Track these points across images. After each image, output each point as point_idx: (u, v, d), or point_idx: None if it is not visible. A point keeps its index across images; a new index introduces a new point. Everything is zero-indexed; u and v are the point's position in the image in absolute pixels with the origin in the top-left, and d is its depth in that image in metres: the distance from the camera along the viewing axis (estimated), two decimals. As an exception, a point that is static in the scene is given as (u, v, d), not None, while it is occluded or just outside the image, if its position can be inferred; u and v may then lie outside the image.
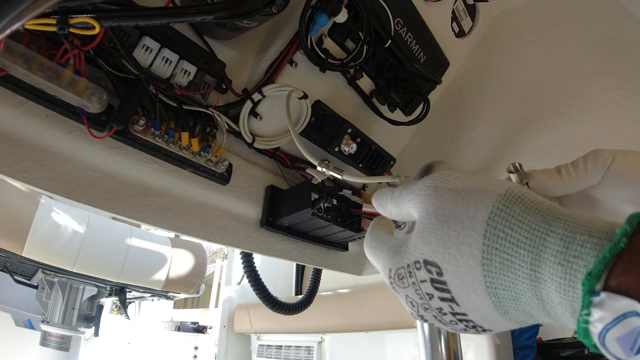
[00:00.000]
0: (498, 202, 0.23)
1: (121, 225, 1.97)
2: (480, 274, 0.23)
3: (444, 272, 0.25)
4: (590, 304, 0.19)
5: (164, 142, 0.53)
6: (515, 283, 0.22)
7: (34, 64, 0.41)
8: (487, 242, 0.23)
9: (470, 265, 0.23)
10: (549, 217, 0.22)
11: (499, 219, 0.23)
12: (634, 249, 0.19)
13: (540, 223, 0.22)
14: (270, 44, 0.61)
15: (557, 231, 0.21)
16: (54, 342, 1.82)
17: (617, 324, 0.18)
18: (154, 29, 0.48)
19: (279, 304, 0.91)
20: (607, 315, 0.18)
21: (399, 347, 1.71)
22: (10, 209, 1.58)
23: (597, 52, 0.69)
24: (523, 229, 0.22)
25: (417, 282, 0.26)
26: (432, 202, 0.26)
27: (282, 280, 2.59)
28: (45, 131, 0.46)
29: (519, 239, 0.22)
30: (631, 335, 0.18)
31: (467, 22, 0.80)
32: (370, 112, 0.75)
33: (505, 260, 0.22)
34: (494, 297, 0.23)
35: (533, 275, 0.21)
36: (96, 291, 1.97)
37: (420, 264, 0.26)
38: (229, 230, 0.65)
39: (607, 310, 0.18)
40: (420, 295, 0.27)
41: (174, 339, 3.21)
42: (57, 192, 0.46)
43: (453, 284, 0.24)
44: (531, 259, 0.21)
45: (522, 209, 0.23)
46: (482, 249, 0.23)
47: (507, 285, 0.23)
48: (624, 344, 0.18)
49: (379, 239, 0.31)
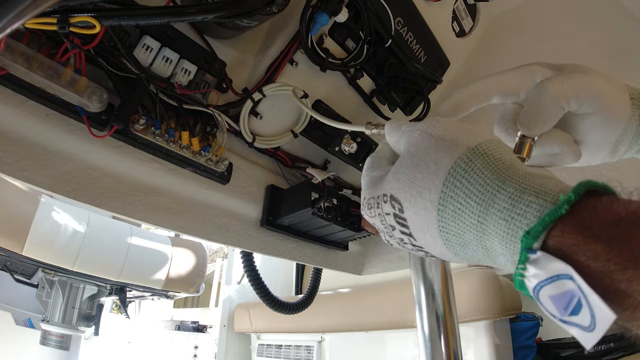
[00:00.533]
0: (464, 155, 0.25)
1: (121, 224, 1.97)
2: (435, 218, 0.25)
3: (405, 209, 0.27)
4: (527, 259, 0.20)
5: (164, 141, 0.53)
6: (464, 231, 0.24)
7: (35, 63, 0.41)
8: (445, 190, 0.24)
9: (427, 209, 0.25)
10: (505, 175, 0.23)
11: (460, 169, 0.24)
12: (576, 214, 0.19)
13: (495, 180, 0.23)
14: (270, 43, 0.61)
15: (507, 189, 0.22)
16: (54, 341, 1.82)
17: (551, 283, 0.19)
18: (155, 28, 0.48)
19: (279, 303, 0.91)
20: (541, 273, 0.19)
21: (399, 347, 1.70)
22: (11, 208, 1.58)
23: (597, 52, 0.69)
24: (478, 183, 0.23)
25: (383, 214, 0.29)
26: (414, 144, 0.28)
27: (282, 279, 2.59)
28: (45, 130, 0.46)
29: (472, 191, 0.23)
30: (564, 297, 0.19)
31: (468, 22, 0.80)
32: (371, 112, 0.75)
33: (457, 209, 0.24)
34: (446, 240, 0.25)
35: (479, 227, 0.23)
36: (96, 290, 1.97)
37: (387, 197, 0.28)
38: (229, 229, 0.65)
39: (542, 268, 0.19)
40: (385, 225, 0.29)
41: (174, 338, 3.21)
42: (58, 191, 0.46)
43: (411, 222, 0.27)
44: (479, 211, 0.23)
45: (483, 164, 0.24)
46: (440, 195, 0.25)
47: (457, 232, 0.24)
48: (557, 303, 0.19)
49: (373, 162, 0.33)
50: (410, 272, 0.60)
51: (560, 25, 0.75)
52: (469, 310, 1.33)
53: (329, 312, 1.94)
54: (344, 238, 0.80)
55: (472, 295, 1.32)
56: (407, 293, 1.49)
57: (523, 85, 0.34)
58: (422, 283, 0.57)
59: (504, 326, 1.39)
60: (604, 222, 0.19)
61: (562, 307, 0.19)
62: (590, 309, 0.18)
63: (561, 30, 0.74)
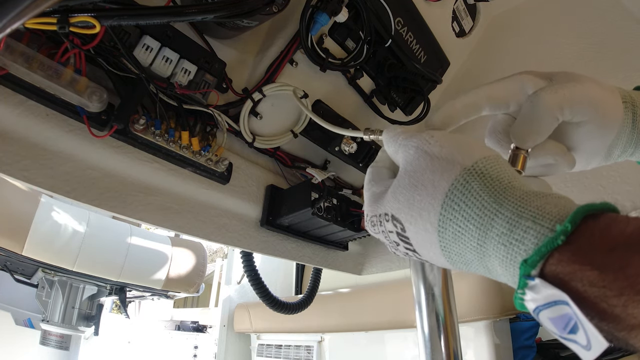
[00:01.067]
0: (460, 176, 0.25)
1: (121, 224, 1.97)
2: (437, 239, 0.25)
3: (406, 229, 0.27)
4: (526, 285, 0.21)
5: (164, 141, 0.53)
6: (465, 252, 0.24)
7: (35, 62, 0.41)
8: (444, 213, 0.25)
9: (428, 230, 0.26)
10: (502, 197, 0.23)
11: (457, 192, 0.24)
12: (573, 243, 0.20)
13: (492, 203, 0.23)
14: (270, 44, 0.61)
15: (505, 213, 0.23)
16: (54, 341, 1.82)
17: (549, 308, 0.20)
18: (155, 28, 0.48)
19: (279, 303, 0.91)
20: (540, 298, 0.20)
21: (399, 347, 1.70)
22: (11, 208, 1.58)
23: (597, 52, 0.69)
24: (475, 206, 0.24)
25: (386, 232, 0.29)
26: (411, 162, 0.28)
27: (282, 279, 2.59)
28: (45, 130, 0.46)
29: (470, 214, 0.24)
30: (563, 319, 0.19)
31: (468, 22, 0.80)
32: (371, 112, 0.75)
33: (457, 231, 0.24)
34: (449, 259, 0.26)
35: (479, 249, 0.23)
36: (96, 290, 1.97)
37: (388, 216, 0.29)
38: (229, 229, 0.65)
39: (540, 294, 0.20)
40: (389, 241, 0.30)
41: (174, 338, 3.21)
42: (58, 191, 0.46)
43: (414, 241, 0.27)
44: (478, 235, 0.23)
45: (480, 186, 0.24)
46: (439, 218, 0.25)
47: (458, 252, 0.25)
48: (556, 324, 0.20)
49: (374, 174, 0.33)
50: (410, 272, 0.60)
51: (561, 25, 0.75)
52: (469, 310, 1.33)
53: (329, 312, 1.94)
54: (344, 238, 0.80)
55: (472, 295, 1.32)
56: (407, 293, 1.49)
57: (513, 96, 0.33)
58: (422, 283, 0.57)
59: (503, 326, 1.39)
60: (600, 249, 0.19)
61: (562, 327, 0.20)
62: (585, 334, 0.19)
63: (561, 30, 0.74)
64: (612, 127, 0.32)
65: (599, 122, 0.32)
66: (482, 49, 0.86)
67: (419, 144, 0.28)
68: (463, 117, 0.34)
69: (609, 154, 0.34)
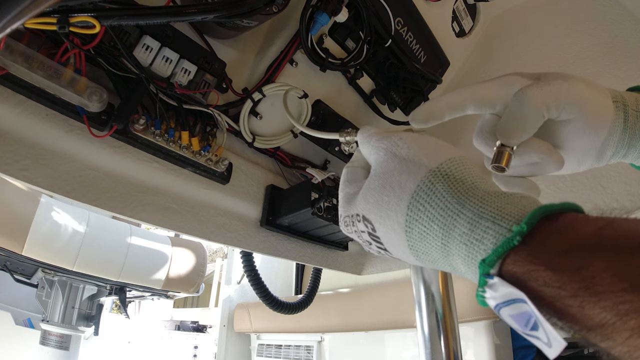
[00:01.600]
0: (425, 178, 0.26)
1: (121, 224, 1.97)
2: (405, 239, 0.26)
3: (377, 229, 0.28)
4: (485, 283, 0.22)
5: (164, 141, 0.53)
6: (431, 251, 0.25)
7: (35, 62, 0.41)
8: (410, 213, 0.26)
9: (396, 230, 0.27)
10: (464, 198, 0.24)
11: (422, 193, 0.25)
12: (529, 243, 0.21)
13: (455, 204, 0.24)
14: (270, 43, 0.61)
15: (466, 214, 0.23)
16: (54, 341, 1.82)
17: (508, 306, 0.20)
18: (155, 28, 0.48)
19: (279, 303, 0.91)
20: (498, 296, 0.21)
21: (399, 347, 1.70)
22: (11, 208, 1.58)
23: (597, 52, 0.69)
24: (439, 207, 0.24)
25: (359, 231, 0.31)
26: (380, 164, 0.29)
27: (282, 279, 2.59)
28: (45, 130, 0.46)
29: (435, 215, 0.24)
30: (523, 317, 0.20)
31: (468, 22, 0.80)
32: (371, 112, 0.75)
33: (422, 232, 0.25)
34: (417, 257, 0.27)
35: (444, 248, 0.24)
36: (96, 290, 1.97)
37: (360, 217, 0.30)
38: (229, 229, 0.65)
39: (498, 292, 0.21)
40: (362, 240, 0.31)
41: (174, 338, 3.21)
42: (57, 191, 0.46)
43: (385, 240, 0.28)
44: (442, 235, 0.24)
45: (444, 187, 0.25)
46: (406, 219, 0.26)
47: (425, 251, 0.26)
48: (518, 321, 0.20)
49: (349, 175, 0.34)
50: (410, 272, 0.60)
51: (560, 25, 0.75)
52: (469, 310, 1.33)
53: (328, 312, 1.94)
54: (343, 238, 0.80)
55: (472, 295, 1.31)
56: (407, 293, 1.49)
57: (500, 96, 0.33)
58: (422, 283, 0.57)
59: (503, 326, 1.38)
60: (555, 251, 0.20)
61: (523, 324, 0.20)
62: (545, 332, 0.19)
63: (561, 30, 0.74)
64: (601, 126, 0.32)
65: (588, 121, 0.31)
66: (482, 49, 0.86)
67: (388, 146, 0.29)
68: (446, 115, 0.34)
69: (601, 155, 0.34)
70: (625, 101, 0.32)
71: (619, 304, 0.17)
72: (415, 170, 0.26)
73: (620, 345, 0.17)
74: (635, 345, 0.16)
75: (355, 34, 0.62)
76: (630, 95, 0.33)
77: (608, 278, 0.17)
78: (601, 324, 0.17)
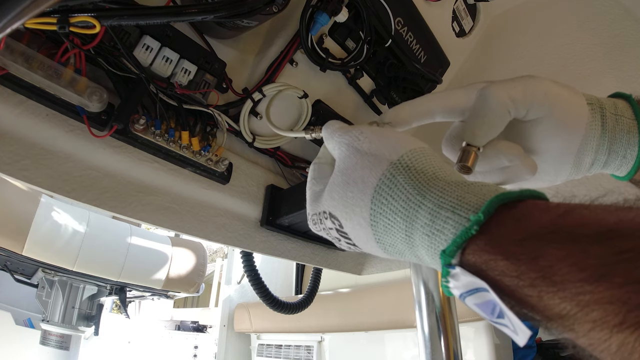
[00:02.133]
0: (387, 171, 0.25)
1: (121, 224, 1.97)
2: (371, 233, 0.26)
3: (344, 226, 0.28)
4: (448, 273, 0.21)
5: (164, 141, 0.53)
6: (396, 243, 0.25)
7: (35, 62, 0.41)
8: (374, 207, 0.25)
9: (362, 225, 0.26)
10: (425, 189, 0.24)
11: (384, 186, 0.25)
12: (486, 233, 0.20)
13: (416, 195, 0.24)
14: (270, 43, 0.61)
15: (427, 205, 0.23)
16: (54, 341, 1.83)
17: (472, 295, 0.20)
18: (155, 28, 0.48)
19: (279, 303, 0.91)
20: (461, 285, 0.21)
21: (399, 347, 1.71)
22: (11, 208, 1.58)
23: (597, 52, 0.69)
24: (401, 199, 0.24)
25: (327, 229, 0.30)
26: (343, 159, 0.29)
27: (282, 279, 2.59)
28: (45, 130, 0.46)
29: (397, 207, 0.24)
30: (488, 305, 0.20)
31: (468, 22, 0.80)
32: (371, 112, 0.75)
33: (387, 224, 0.25)
34: (384, 250, 0.27)
35: (408, 240, 0.24)
36: (96, 290, 1.97)
37: (326, 214, 0.29)
38: (229, 229, 0.65)
39: (460, 282, 0.21)
40: (331, 237, 0.31)
41: (174, 338, 3.21)
42: (58, 191, 0.46)
43: (352, 235, 0.28)
44: (405, 227, 0.24)
45: (405, 179, 0.25)
46: (370, 213, 0.25)
47: (391, 243, 0.25)
48: (483, 309, 0.20)
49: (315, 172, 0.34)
50: (410, 272, 0.60)
51: (561, 25, 0.75)
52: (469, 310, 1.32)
53: (329, 312, 1.94)
54: (344, 238, 0.79)
55: (472, 295, 1.32)
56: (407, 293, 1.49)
57: (469, 103, 0.33)
58: (422, 283, 0.57)
59: (503, 326, 1.38)
60: (511, 240, 0.19)
61: (489, 313, 0.20)
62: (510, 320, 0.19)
63: (561, 30, 0.74)
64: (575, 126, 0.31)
65: (559, 119, 0.31)
66: (482, 49, 0.86)
67: (349, 141, 0.29)
68: (414, 121, 0.34)
69: (579, 162, 0.32)
70: (602, 104, 0.32)
71: (578, 294, 0.16)
72: (377, 164, 0.26)
73: (583, 337, 0.17)
74: (599, 338, 0.16)
75: (355, 34, 0.62)
76: (608, 100, 0.33)
77: (566, 268, 0.17)
78: (561, 314, 0.17)
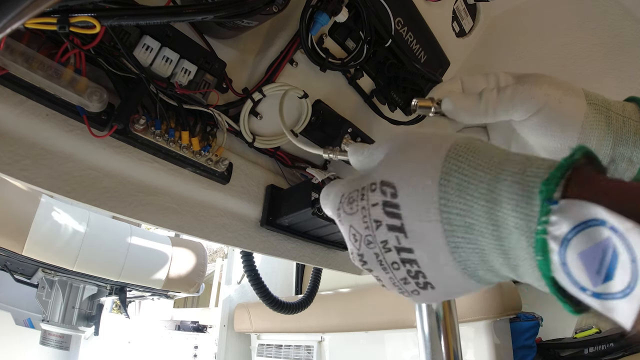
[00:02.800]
0: (460, 139, 0.25)
1: (121, 224, 1.97)
2: (436, 195, 0.23)
3: (399, 192, 0.24)
4: (549, 211, 0.18)
5: (164, 141, 0.53)
6: (471, 205, 0.22)
7: (35, 62, 0.41)
8: (447, 164, 0.23)
9: (427, 186, 0.23)
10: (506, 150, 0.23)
11: (462, 146, 0.24)
12: (587, 169, 0.19)
13: (500, 152, 0.23)
14: (270, 43, 0.61)
15: (514, 158, 0.22)
16: (54, 341, 1.82)
17: (579, 233, 0.17)
18: (155, 28, 0.48)
19: (279, 303, 0.91)
20: (568, 222, 0.17)
21: (399, 347, 1.70)
22: (11, 208, 1.58)
23: (597, 52, 0.69)
24: (483, 154, 0.23)
25: (368, 207, 0.26)
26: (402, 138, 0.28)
27: (282, 279, 2.59)
28: (45, 130, 0.46)
29: (478, 162, 0.23)
30: (597, 251, 0.16)
31: (468, 22, 0.80)
32: (371, 112, 0.75)
33: (462, 180, 0.22)
34: (447, 224, 0.23)
35: (489, 195, 0.21)
36: (96, 290, 1.97)
37: (376, 185, 0.25)
38: (229, 229, 0.65)
39: (568, 216, 0.17)
40: (366, 223, 0.26)
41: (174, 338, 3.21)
42: (57, 191, 0.46)
43: (406, 207, 0.24)
44: (489, 179, 0.21)
45: (482, 144, 0.24)
46: (442, 170, 0.23)
47: (462, 208, 0.22)
48: (589, 263, 0.16)
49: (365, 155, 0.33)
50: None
51: (561, 25, 0.75)
52: (469, 310, 1.33)
53: (329, 312, 1.94)
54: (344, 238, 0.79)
55: (472, 295, 1.32)
56: (407, 293, 1.49)
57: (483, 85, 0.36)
58: (422, 283, 0.57)
59: (503, 326, 1.39)
60: (601, 186, 0.18)
61: (595, 270, 0.16)
62: (630, 253, 0.15)
63: (561, 30, 0.74)
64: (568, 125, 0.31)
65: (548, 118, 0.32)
66: (482, 49, 0.86)
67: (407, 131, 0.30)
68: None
69: None
70: (608, 105, 0.32)
71: None
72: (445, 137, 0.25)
73: None
74: None
75: (355, 34, 0.62)
76: (616, 101, 0.33)
77: None
78: None
